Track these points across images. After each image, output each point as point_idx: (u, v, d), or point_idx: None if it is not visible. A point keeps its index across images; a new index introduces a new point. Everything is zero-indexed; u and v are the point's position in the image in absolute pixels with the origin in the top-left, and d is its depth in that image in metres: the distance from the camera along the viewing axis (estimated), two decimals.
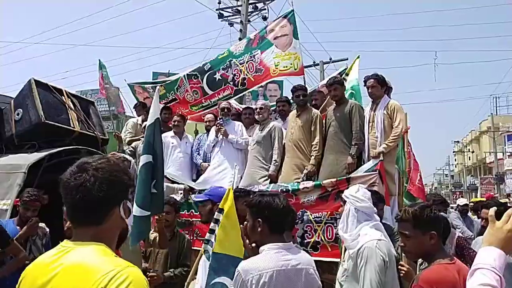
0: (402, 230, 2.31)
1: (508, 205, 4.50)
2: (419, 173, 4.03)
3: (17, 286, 1.37)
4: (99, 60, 7.48)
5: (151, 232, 3.76)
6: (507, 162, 37.29)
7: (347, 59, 19.79)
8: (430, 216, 2.26)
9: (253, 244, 2.45)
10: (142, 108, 7.18)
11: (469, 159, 51.94)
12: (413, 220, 2.25)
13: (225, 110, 5.92)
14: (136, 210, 3.30)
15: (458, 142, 55.52)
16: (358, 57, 6.17)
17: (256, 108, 5.70)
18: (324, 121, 5.26)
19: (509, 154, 37.16)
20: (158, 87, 5.00)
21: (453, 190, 53.54)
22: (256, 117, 5.70)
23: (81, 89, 19.89)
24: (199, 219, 4.41)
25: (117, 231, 1.42)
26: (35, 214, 3.85)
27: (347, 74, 6.10)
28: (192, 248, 4.34)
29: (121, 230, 1.48)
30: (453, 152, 58.46)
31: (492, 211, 1.38)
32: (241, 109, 6.52)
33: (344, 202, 3.00)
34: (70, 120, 5.54)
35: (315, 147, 5.09)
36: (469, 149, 51.34)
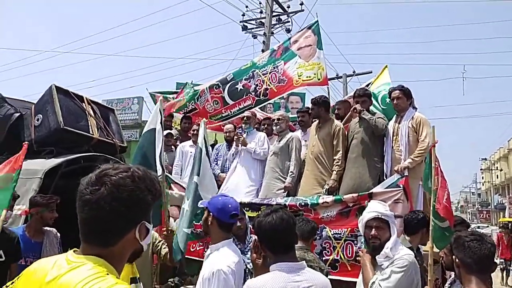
0: None
1: None
2: (446, 191, 3.77)
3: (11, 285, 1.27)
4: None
5: (164, 247, 3.64)
6: None
7: (371, 72, 19.52)
8: None
9: (260, 261, 2.31)
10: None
11: (497, 177, 50.39)
12: None
13: (245, 118, 5.82)
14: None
15: (485, 159, 54.08)
16: (386, 66, 5.99)
17: (274, 119, 5.58)
18: (346, 133, 5.08)
19: None
20: (160, 98, 4.97)
21: (479, 209, 52.02)
22: (274, 128, 5.58)
23: (107, 99, 20.32)
24: None
25: (128, 252, 1.28)
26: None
27: (371, 84, 5.93)
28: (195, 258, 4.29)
29: (136, 248, 1.30)
30: (481, 169, 56.92)
31: None
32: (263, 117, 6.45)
33: (382, 222, 2.85)
34: (90, 127, 5.52)
35: (337, 162, 4.92)
36: (497, 167, 49.81)
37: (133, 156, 3.90)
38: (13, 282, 1.30)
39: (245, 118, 5.84)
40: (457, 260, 2.26)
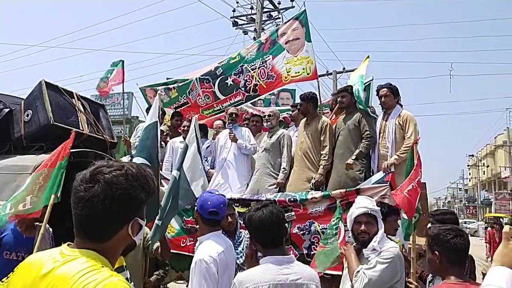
0: None
1: None
2: (413, 184, 3.64)
3: (6, 280, 1.30)
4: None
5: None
6: None
7: None
8: None
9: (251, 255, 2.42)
10: None
11: (484, 174, 51.13)
12: None
13: (233, 115, 5.86)
14: None
15: (472, 156, 54.82)
16: (368, 57, 5.96)
17: (265, 115, 5.63)
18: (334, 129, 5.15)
19: None
20: (159, 92, 4.96)
21: (466, 204, 52.71)
22: (265, 124, 5.62)
23: (96, 93, 20.14)
24: None
25: (121, 247, 1.31)
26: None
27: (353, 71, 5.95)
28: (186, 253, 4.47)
29: (129, 243, 1.34)
30: (468, 166, 57.68)
31: (507, 228, 1.27)
32: (254, 113, 6.48)
33: (371, 218, 2.93)
34: (79, 122, 5.49)
35: (324, 157, 4.98)
36: (483, 163, 50.54)
37: (137, 148, 3.96)
38: (8, 277, 1.33)
39: (233, 115, 5.87)
40: (439, 255, 2.35)
